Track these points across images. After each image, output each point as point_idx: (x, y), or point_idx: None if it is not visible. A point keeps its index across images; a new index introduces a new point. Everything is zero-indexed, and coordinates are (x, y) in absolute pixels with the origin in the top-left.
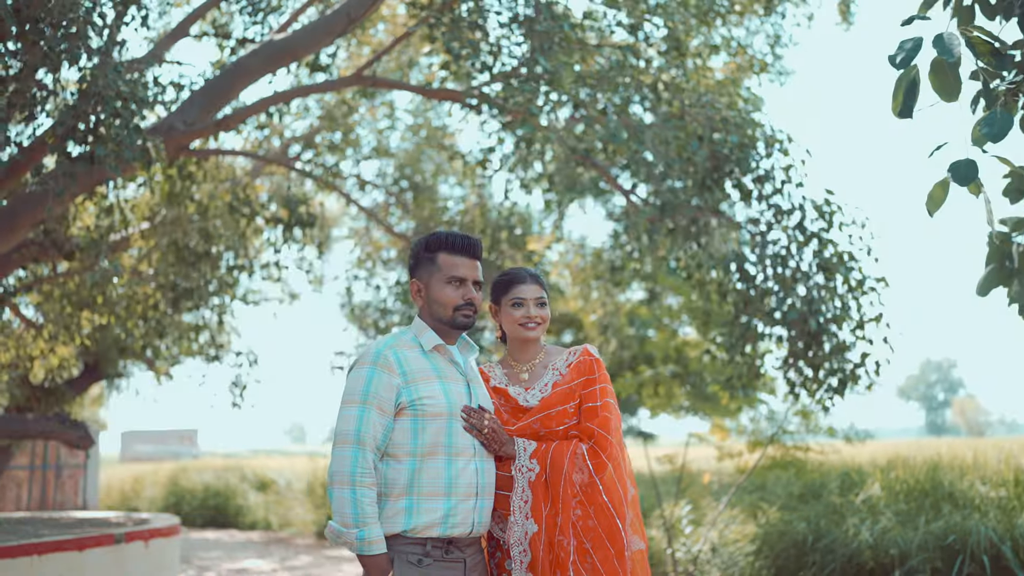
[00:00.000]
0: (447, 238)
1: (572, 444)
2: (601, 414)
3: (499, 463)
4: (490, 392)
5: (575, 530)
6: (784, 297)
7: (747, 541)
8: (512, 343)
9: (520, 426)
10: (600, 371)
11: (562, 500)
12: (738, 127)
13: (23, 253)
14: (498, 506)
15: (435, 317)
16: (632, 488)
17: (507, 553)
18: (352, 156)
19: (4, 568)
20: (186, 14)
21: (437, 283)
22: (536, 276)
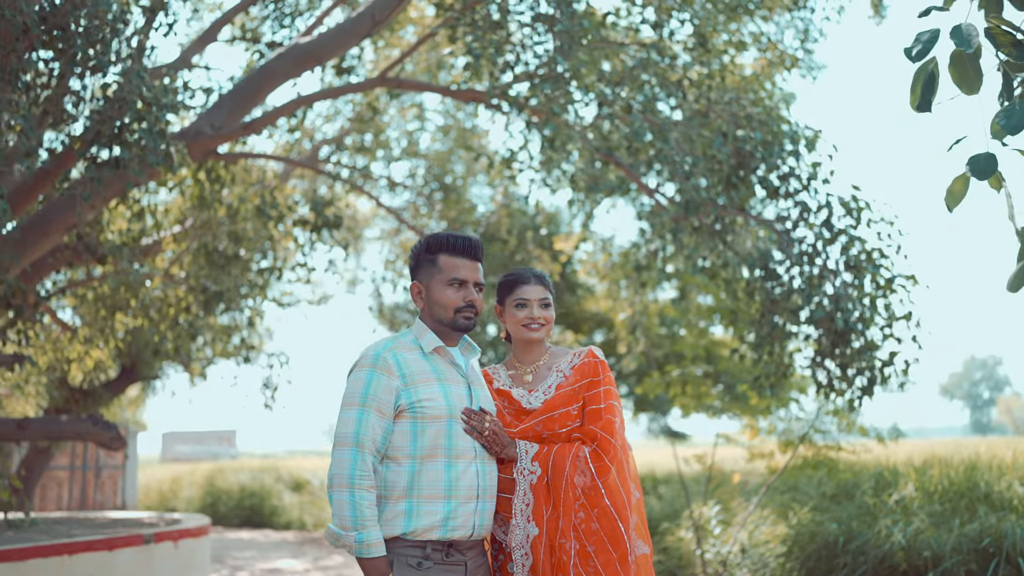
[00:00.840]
0: (448, 239)
1: (574, 447)
2: (604, 416)
3: (501, 466)
4: (493, 394)
5: (576, 533)
6: (810, 295)
7: (777, 542)
8: (516, 344)
9: (522, 428)
10: (604, 373)
11: (563, 503)
12: (762, 124)
13: (57, 257)
14: (500, 509)
15: (436, 319)
16: (637, 492)
17: (509, 556)
18: (383, 157)
19: (36, 567)
20: (214, 19)
21: (438, 285)
22: (541, 277)
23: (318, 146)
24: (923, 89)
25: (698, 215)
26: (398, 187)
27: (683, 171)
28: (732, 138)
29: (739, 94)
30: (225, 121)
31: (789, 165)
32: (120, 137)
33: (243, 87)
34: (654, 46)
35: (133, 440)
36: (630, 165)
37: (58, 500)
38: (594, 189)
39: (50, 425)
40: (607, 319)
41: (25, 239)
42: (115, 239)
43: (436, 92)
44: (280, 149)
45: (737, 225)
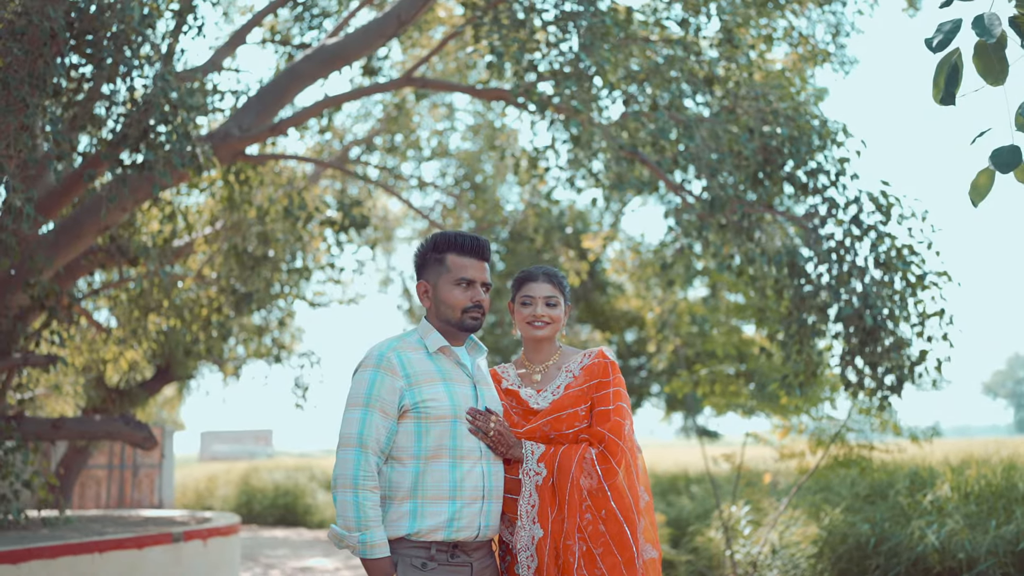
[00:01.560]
0: (456, 239)
1: (581, 448)
2: (613, 418)
3: (508, 466)
4: (501, 394)
5: (582, 535)
6: (838, 293)
7: (808, 543)
8: (526, 343)
9: (529, 428)
10: (614, 374)
11: (568, 505)
12: (789, 119)
13: (90, 259)
14: (507, 510)
15: (443, 319)
16: (646, 495)
17: (516, 557)
18: (413, 157)
19: (67, 565)
20: (244, 22)
21: (445, 284)
22: (551, 275)
23: (348, 147)
24: (946, 81)
25: (724, 212)
26: (428, 187)
27: (709, 168)
28: (759, 134)
29: (766, 89)
30: (253, 123)
31: (817, 161)
32: (146, 140)
33: (271, 89)
34: (680, 42)
35: (169, 439)
36: (656, 162)
37: (96, 498)
38: (619, 187)
39: (83, 425)
40: (638, 318)
41: (58, 241)
42: (147, 241)
43: (462, 91)
44: (311, 150)
45: (765, 222)
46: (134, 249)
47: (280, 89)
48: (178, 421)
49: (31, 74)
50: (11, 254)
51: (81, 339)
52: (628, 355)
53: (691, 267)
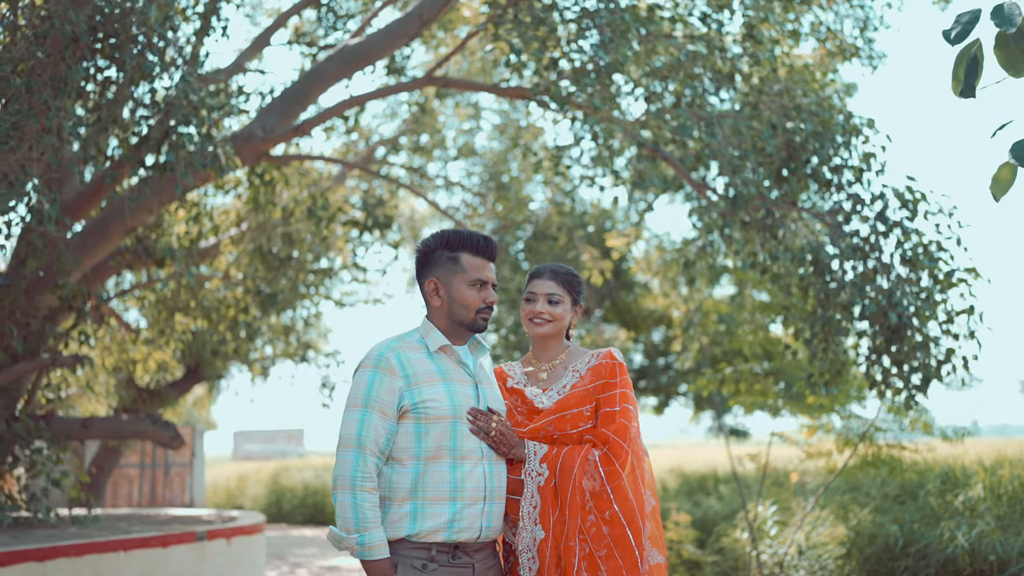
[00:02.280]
0: (470, 239)
1: (584, 449)
2: (618, 420)
3: (510, 467)
4: (505, 392)
5: (583, 537)
6: (862, 290)
7: (836, 544)
8: (533, 342)
9: (533, 427)
10: (622, 376)
11: (570, 507)
12: (813, 114)
13: (118, 260)
14: (509, 511)
15: (455, 318)
16: (652, 499)
17: (518, 559)
18: (439, 157)
19: (92, 563)
20: (268, 24)
21: (460, 284)
22: (557, 272)
23: (374, 147)
24: (966, 73)
25: (747, 209)
26: (454, 187)
27: (731, 165)
28: (782, 130)
29: (790, 84)
30: (276, 124)
31: (841, 156)
32: (168, 141)
33: (294, 90)
34: (703, 38)
35: (200, 439)
36: (679, 160)
37: (129, 497)
38: (640, 184)
39: (111, 425)
40: (665, 317)
41: (85, 243)
42: (173, 242)
43: (483, 90)
44: (338, 151)
45: (789, 219)
46: (159, 251)
47: (303, 90)
48: (210, 421)
49: (53, 77)
50: (38, 256)
51: (111, 339)
52: (655, 354)
53: (714, 265)
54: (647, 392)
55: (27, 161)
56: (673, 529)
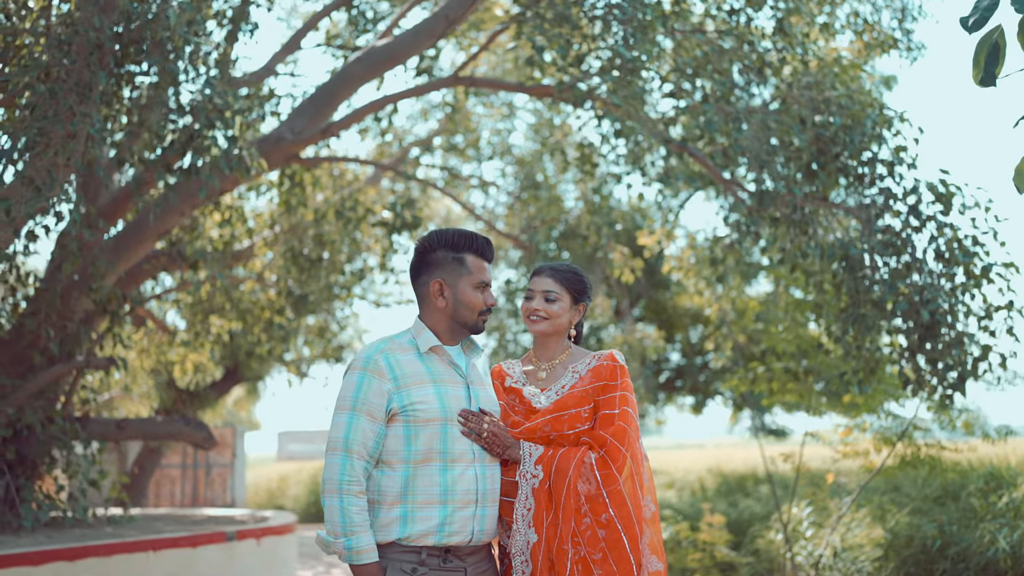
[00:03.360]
0: (474, 240)
1: (580, 451)
2: (617, 423)
3: (505, 468)
4: (504, 391)
5: (577, 541)
6: (893, 287)
7: (872, 545)
8: (534, 340)
9: (528, 427)
10: (622, 378)
11: (563, 510)
12: (842, 108)
13: (153, 263)
14: (504, 513)
15: (458, 319)
16: (652, 505)
17: (512, 562)
18: (473, 157)
19: (122, 563)
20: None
21: (466, 286)
22: (556, 270)
23: (408, 148)
24: (986, 61)
25: (776, 205)
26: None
27: (759, 160)
28: (811, 124)
29: (819, 78)
30: (305, 126)
31: (872, 150)
32: (192, 145)
33: (322, 92)
34: (731, 32)
35: (240, 439)
36: (707, 156)
37: (171, 497)
38: (666, 181)
39: (146, 426)
40: (703, 315)
41: (119, 247)
42: (206, 245)
43: (509, 89)
44: (373, 151)
45: (820, 215)
46: (190, 254)
47: (331, 92)
48: (253, 421)
49: (78, 83)
50: (73, 260)
51: (148, 342)
52: (692, 354)
53: (741, 262)
54: (683, 391)
55: (54, 167)
56: (706, 531)
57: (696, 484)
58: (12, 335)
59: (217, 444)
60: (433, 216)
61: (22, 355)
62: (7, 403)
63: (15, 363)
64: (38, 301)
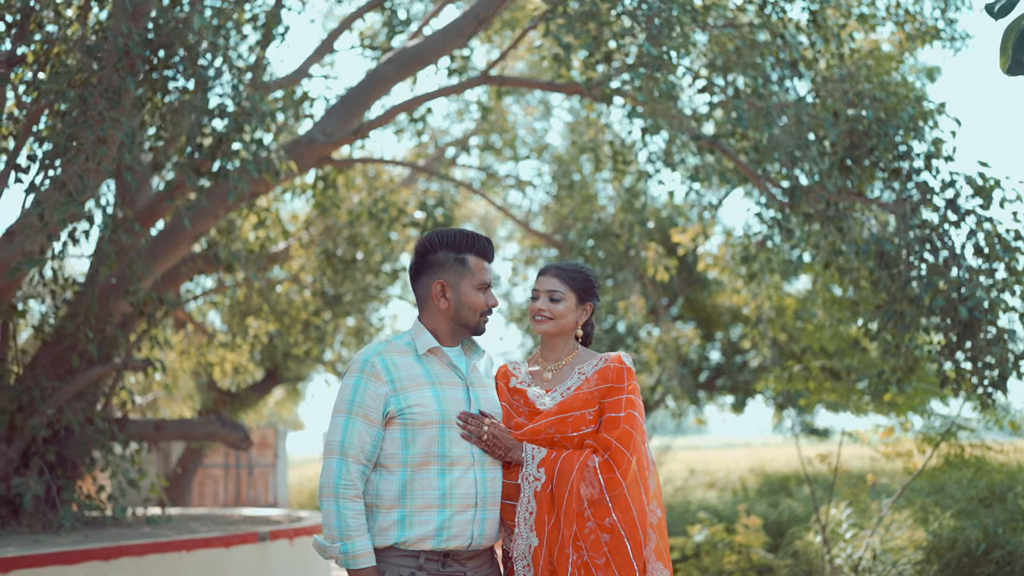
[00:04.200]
0: (476, 240)
1: (584, 455)
2: (622, 426)
3: (507, 471)
4: (508, 392)
5: (578, 546)
6: (929, 283)
7: (914, 548)
8: (541, 340)
9: (532, 428)
10: (629, 381)
11: (565, 514)
12: (876, 100)
13: (190, 266)
14: (506, 516)
15: (460, 321)
16: (659, 511)
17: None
18: (510, 157)
19: (155, 562)
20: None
21: (469, 287)
22: (562, 270)
23: (443, 148)
24: (1014, 48)
25: (808, 201)
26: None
27: (790, 156)
28: (844, 118)
29: (853, 71)
30: (337, 127)
31: (908, 144)
32: (221, 149)
33: (354, 94)
34: (765, 25)
35: (282, 440)
36: (738, 153)
37: (215, 496)
38: (696, 178)
39: (183, 427)
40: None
41: (156, 250)
42: (242, 247)
43: (538, 87)
44: (410, 152)
45: (854, 210)
46: (224, 256)
47: (363, 93)
48: (297, 422)
49: (107, 89)
50: (110, 264)
51: (188, 343)
52: (732, 352)
53: (775, 259)
54: (724, 390)
55: (85, 172)
56: (743, 532)
57: (738, 484)
58: (53, 338)
59: (252, 445)
60: (471, 216)
61: (62, 357)
62: (47, 404)
63: (55, 365)
64: (77, 304)
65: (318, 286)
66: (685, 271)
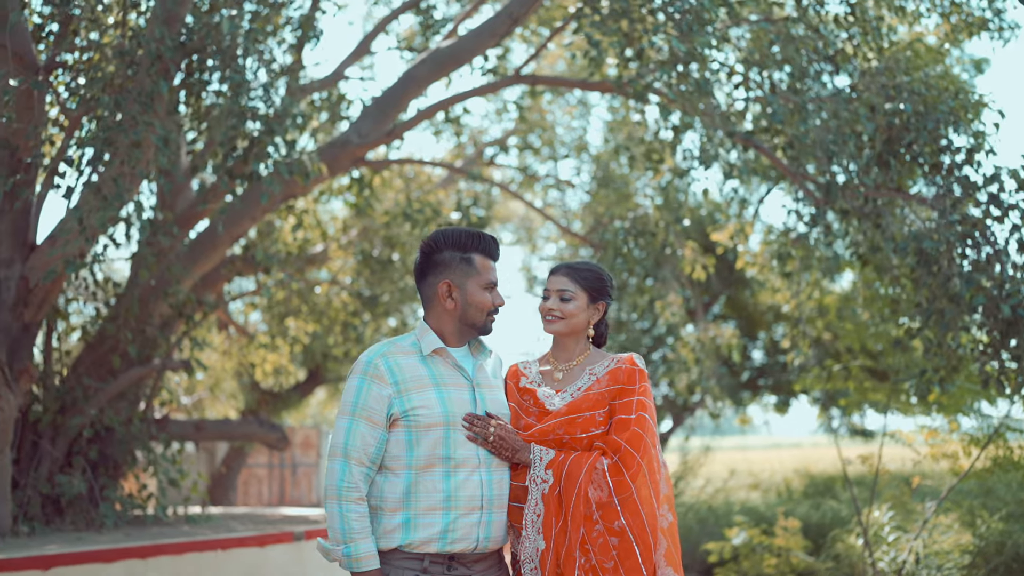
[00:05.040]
0: (482, 240)
1: (592, 457)
2: (632, 428)
3: (515, 472)
4: (518, 392)
5: (585, 549)
6: (970, 281)
7: (960, 552)
8: (553, 340)
9: (540, 429)
10: (641, 383)
11: (572, 517)
12: (915, 94)
13: (229, 268)
14: (514, 519)
15: (467, 321)
16: (670, 515)
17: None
18: (549, 156)
19: (192, 561)
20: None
21: (475, 287)
22: (573, 269)
23: (481, 148)
24: None
25: (844, 197)
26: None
27: (826, 151)
28: (882, 112)
29: (891, 64)
30: (371, 129)
31: (948, 138)
32: (253, 152)
33: (388, 95)
34: (802, 19)
35: (326, 440)
36: (773, 148)
37: (258, 496)
38: (729, 175)
39: (223, 427)
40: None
41: (195, 252)
42: (281, 249)
43: (571, 86)
44: (449, 153)
45: (894, 206)
46: (259, 258)
47: (397, 95)
48: None
49: (140, 93)
50: (149, 266)
51: (230, 344)
52: (774, 352)
53: (811, 257)
54: (767, 390)
55: (121, 176)
56: (781, 535)
57: (782, 486)
58: (95, 339)
59: (289, 445)
60: (512, 216)
61: (104, 359)
62: (90, 404)
63: (98, 366)
64: (118, 307)
65: (355, 287)
66: (725, 270)
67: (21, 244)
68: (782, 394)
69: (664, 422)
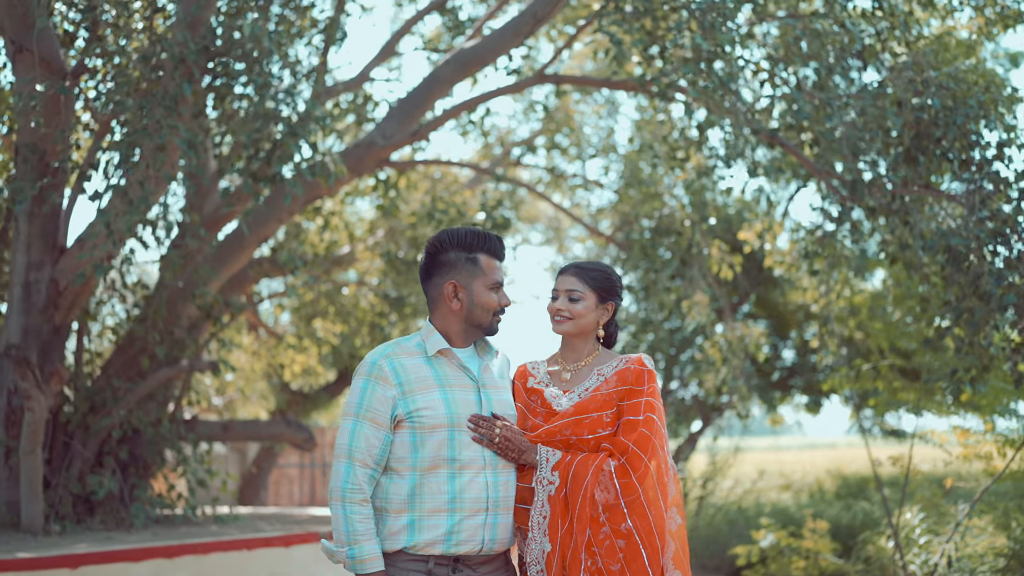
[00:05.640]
0: (487, 239)
1: (599, 458)
2: (640, 430)
3: (521, 473)
4: (526, 392)
5: (591, 552)
6: (1000, 278)
7: (994, 555)
8: (561, 340)
9: (547, 429)
10: (650, 384)
11: (578, 519)
12: (943, 88)
13: (256, 269)
14: (521, 521)
15: (473, 321)
16: (678, 518)
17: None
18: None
19: (217, 560)
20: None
21: (481, 287)
22: (581, 268)
23: (508, 148)
24: None
25: (871, 194)
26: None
27: (852, 148)
28: (909, 107)
29: (918, 58)
30: (396, 130)
31: (978, 132)
32: (276, 154)
33: (413, 96)
34: (829, 15)
35: None
36: (799, 145)
37: (290, 496)
38: (754, 173)
39: (250, 427)
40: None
41: (222, 254)
42: (307, 250)
43: (594, 85)
44: (477, 154)
45: (923, 203)
46: (283, 260)
47: (421, 96)
48: None
49: (164, 97)
50: (175, 268)
51: (259, 345)
52: (805, 352)
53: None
54: (797, 390)
55: (146, 179)
56: (809, 537)
57: (814, 486)
58: (124, 341)
59: (316, 445)
60: (540, 217)
61: (133, 360)
62: (119, 405)
63: (127, 368)
64: (147, 308)
65: (382, 288)
66: (754, 269)
67: (51, 247)
68: (813, 394)
69: (694, 423)
